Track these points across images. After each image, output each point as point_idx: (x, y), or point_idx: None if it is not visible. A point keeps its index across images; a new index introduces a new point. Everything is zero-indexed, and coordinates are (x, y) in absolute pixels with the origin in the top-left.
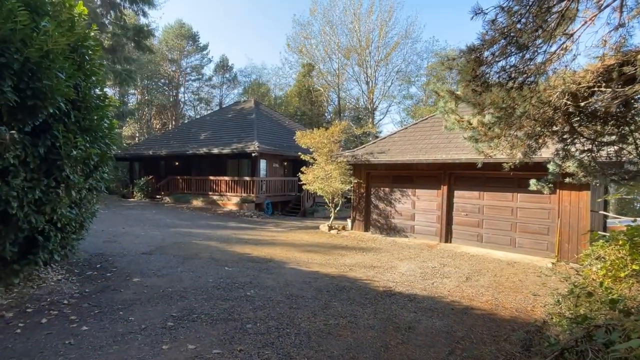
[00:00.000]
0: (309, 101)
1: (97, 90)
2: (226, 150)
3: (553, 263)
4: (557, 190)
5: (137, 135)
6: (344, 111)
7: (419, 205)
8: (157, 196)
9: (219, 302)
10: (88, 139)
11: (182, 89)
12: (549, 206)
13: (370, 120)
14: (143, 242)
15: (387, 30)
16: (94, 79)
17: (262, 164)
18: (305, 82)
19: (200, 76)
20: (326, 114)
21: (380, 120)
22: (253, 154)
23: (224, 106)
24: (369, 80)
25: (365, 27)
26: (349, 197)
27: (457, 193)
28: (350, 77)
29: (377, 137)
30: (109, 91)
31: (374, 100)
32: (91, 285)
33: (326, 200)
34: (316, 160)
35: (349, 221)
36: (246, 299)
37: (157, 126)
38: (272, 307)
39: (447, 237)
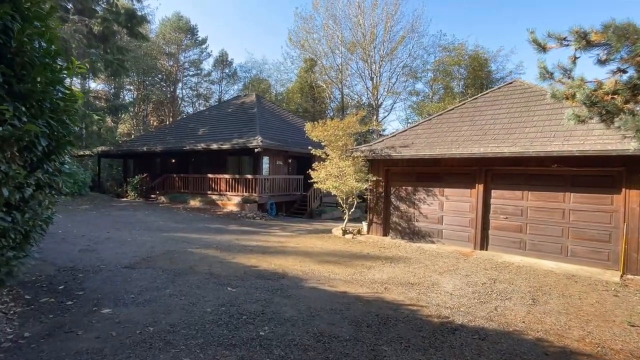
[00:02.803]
0: (311, 97)
1: (43, 42)
2: (226, 146)
3: (621, 276)
4: (623, 189)
5: (133, 132)
6: (347, 108)
7: (448, 207)
8: (152, 195)
9: (221, 352)
10: (26, 110)
11: (180, 85)
12: (612, 208)
13: (375, 117)
14: (127, 251)
15: (392, 24)
16: (38, 25)
17: (265, 160)
18: (307, 78)
19: (198, 71)
20: (328, 111)
21: (385, 117)
22: (256, 150)
23: (224, 100)
24: (373, 76)
25: (370, 20)
26: (364, 196)
27: (494, 193)
28: (353, 72)
29: (381, 134)
30: (103, 87)
31: (378, 96)
32: (38, 323)
33: (339, 200)
34: (329, 155)
35: (364, 224)
36: (259, 343)
37: (154, 123)
38: (298, 358)
39: (483, 243)
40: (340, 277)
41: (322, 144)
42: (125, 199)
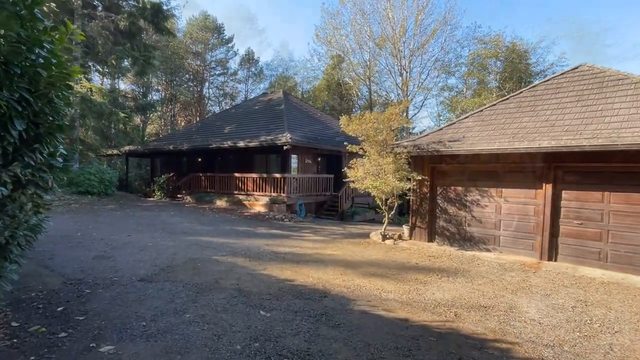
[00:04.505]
0: (338, 95)
1: None
2: (254, 143)
3: None
4: None
5: (161, 132)
6: (375, 105)
7: (507, 210)
8: (178, 195)
9: None
10: None
11: (206, 84)
12: None
13: (405, 114)
14: (146, 259)
15: (423, 17)
16: None
17: (294, 159)
18: (334, 75)
19: (225, 70)
20: (355, 109)
21: (415, 114)
22: (284, 147)
23: (251, 98)
24: (403, 71)
25: (400, 14)
26: (407, 196)
27: (565, 194)
28: (382, 68)
29: (411, 133)
30: (132, 87)
31: (408, 93)
32: None
33: (378, 201)
34: (366, 152)
35: (404, 228)
36: None
37: (182, 123)
38: None
39: (551, 253)
40: (394, 296)
41: (359, 139)
42: (151, 199)
